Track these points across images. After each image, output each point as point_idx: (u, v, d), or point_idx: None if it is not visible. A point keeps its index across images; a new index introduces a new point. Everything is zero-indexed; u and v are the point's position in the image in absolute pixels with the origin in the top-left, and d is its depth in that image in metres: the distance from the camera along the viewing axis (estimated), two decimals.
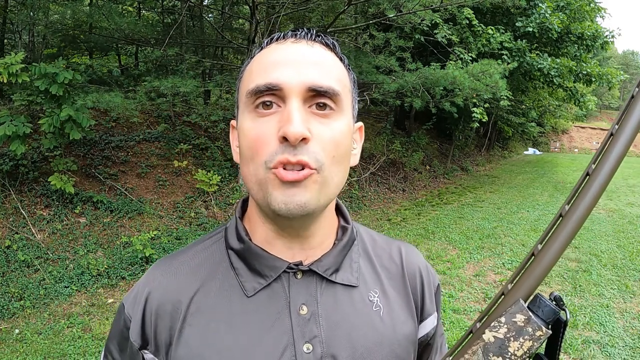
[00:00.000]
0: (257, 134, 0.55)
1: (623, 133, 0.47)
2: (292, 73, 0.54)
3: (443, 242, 6.37)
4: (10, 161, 5.37)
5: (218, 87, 7.22)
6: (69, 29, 7.96)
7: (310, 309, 0.60)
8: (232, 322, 0.59)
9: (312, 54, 0.57)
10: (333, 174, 0.57)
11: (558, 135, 29.88)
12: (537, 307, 0.49)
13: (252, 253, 0.62)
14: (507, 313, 0.49)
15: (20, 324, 3.77)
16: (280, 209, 0.54)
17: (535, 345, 0.48)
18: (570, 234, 0.47)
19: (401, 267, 0.71)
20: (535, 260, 0.49)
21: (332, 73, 0.57)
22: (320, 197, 0.56)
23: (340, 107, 0.57)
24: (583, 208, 0.47)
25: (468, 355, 0.50)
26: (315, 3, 7.10)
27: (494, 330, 0.49)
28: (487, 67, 7.10)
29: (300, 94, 0.54)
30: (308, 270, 0.62)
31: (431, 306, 0.72)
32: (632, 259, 5.63)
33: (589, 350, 3.41)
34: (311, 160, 0.53)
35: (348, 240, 0.67)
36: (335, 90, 0.56)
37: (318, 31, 0.61)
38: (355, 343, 0.61)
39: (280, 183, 0.53)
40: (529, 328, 0.47)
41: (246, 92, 0.57)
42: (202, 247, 0.67)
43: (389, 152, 10.53)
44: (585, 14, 11.72)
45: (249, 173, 0.57)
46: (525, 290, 0.49)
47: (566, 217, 0.48)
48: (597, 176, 0.47)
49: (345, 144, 0.58)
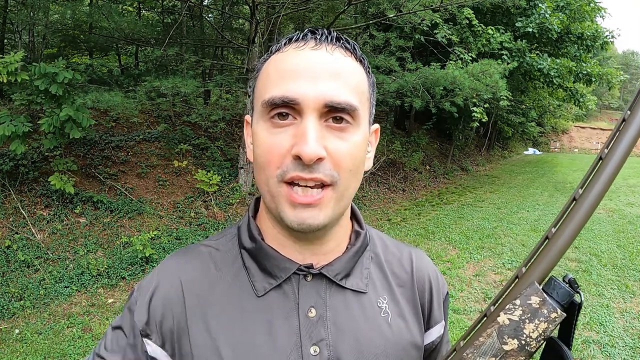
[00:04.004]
0: (270, 145, 0.55)
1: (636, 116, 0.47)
2: (309, 86, 0.53)
3: (443, 242, 6.37)
4: (10, 161, 5.37)
5: (218, 87, 7.22)
6: (69, 29, 7.96)
7: (319, 312, 0.61)
8: (242, 320, 0.59)
9: (331, 63, 0.55)
10: (348, 187, 0.57)
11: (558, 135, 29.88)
12: (552, 289, 0.49)
13: (263, 253, 0.62)
14: (522, 295, 0.48)
15: (20, 324, 3.76)
16: (293, 227, 0.55)
17: (550, 327, 0.48)
18: (584, 217, 0.47)
19: (411, 274, 0.71)
20: (549, 243, 0.49)
21: (351, 84, 0.56)
22: (335, 212, 0.57)
23: (357, 120, 0.56)
24: (596, 191, 0.47)
25: (483, 338, 0.50)
26: (315, 3, 7.11)
27: (508, 312, 0.49)
28: (487, 67, 7.10)
29: (317, 109, 0.53)
30: (318, 273, 0.62)
31: (439, 314, 0.72)
32: (632, 259, 5.62)
33: (589, 350, 3.41)
34: (327, 178, 0.53)
35: (361, 245, 0.66)
36: (352, 105, 0.55)
37: (339, 33, 0.59)
38: (362, 348, 0.61)
39: (294, 204, 0.54)
40: (544, 310, 0.47)
41: (262, 102, 0.56)
42: (217, 244, 0.67)
43: (389, 152, 10.53)
44: (585, 14, 11.73)
45: (261, 181, 0.57)
46: (540, 273, 0.49)
47: (580, 200, 0.48)
48: (610, 160, 0.47)
49: (360, 156, 0.58)
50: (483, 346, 0.50)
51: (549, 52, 11.47)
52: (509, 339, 0.48)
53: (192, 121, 7.69)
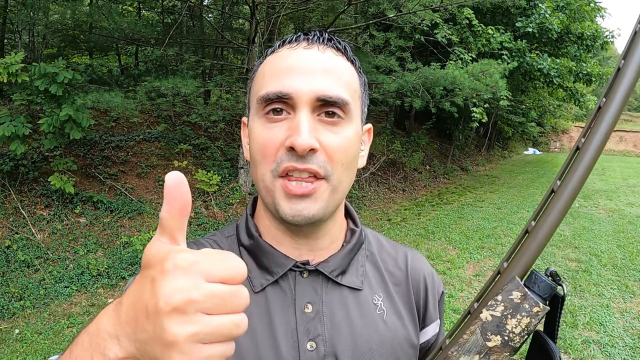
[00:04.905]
0: (265, 140, 0.57)
1: (612, 105, 0.47)
2: (302, 82, 0.55)
3: (443, 242, 6.37)
4: (10, 161, 5.37)
5: (218, 87, 7.22)
6: (69, 29, 7.96)
7: (315, 308, 0.61)
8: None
9: (323, 61, 0.58)
10: (342, 180, 0.59)
11: (558, 135, 29.86)
12: (533, 283, 0.48)
13: (261, 249, 0.63)
14: (504, 291, 0.48)
15: (20, 324, 3.76)
16: (288, 219, 0.56)
17: (534, 321, 0.47)
18: (563, 209, 0.47)
19: (406, 273, 0.72)
20: (529, 237, 0.48)
21: (342, 80, 0.58)
22: (329, 205, 0.58)
23: (349, 114, 0.58)
24: (575, 182, 0.47)
25: (467, 335, 0.50)
26: (315, 3, 7.11)
27: (491, 309, 0.48)
28: (487, 67, 7.10)
29: (310, 104, 0.55)
30: (314, 270, 0.63)
31: (434, 313, 0.73)
32: (632, 259, 5.62)
33: (589, 350, 3.41)
34: (320, 170, 0.55)
35: (356, 243, 0.68)
36: (344, 99, 0.57)
37: (330, 35, 0.62)
38: (358, 344, 0.62)
39: (288, 195, 0.55)
40: (526, 304, 0.47)
41: (257, 98, 0.58)
42: (217, 239, 0.68)
43: (389, 152, 10.53)
44: (585, 14, 11.72)
45: (257, 176, 0.59)
46: (521, 267, 0.48)
47: (558, 192, 0.47)
48: (588, 149, 0.47)
49: (353, 150, 0.60)
50: (467, 343, 0.49)
51: (549, 52, 11.46)
52: (492, 336, 0.48)
53: (192, 121, 7.69)
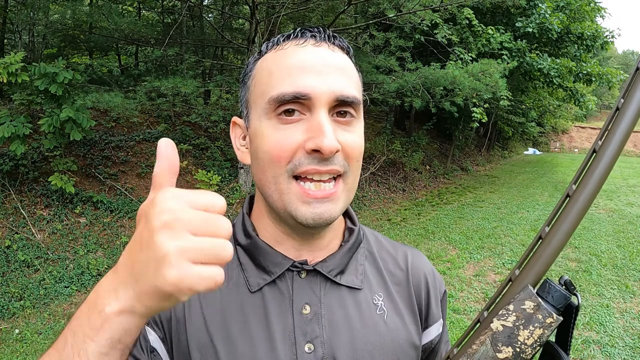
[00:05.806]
0: (278, 142, 0.54)
1: (629, 107, 0.44)
2: (318, 82, 0.54)
3: (443, 242, 6.36)
4: (10, 161, 5.37)
5: (218, 87, 7.22)
6: (69, 29, 7.97)
7: (314, 309, 0.60)
8: (237, 316, 0.59)
9: (335, 60, 0.57)
10: (356, 176, 0.59)
11: (558, 135, 29.84)
12: (547, 292, 0.46)
13: (258, 248, 0.62)
14: (516, 300, 0.46)
15: (20, 324, 3.76)
16: (309, 223, 0.55)
17: (546, 333, 0.45)
18: (578, 214, 0.45)
19: (406, 272, 0.70)
20: (542, 243, 0.46)
21: (353, 79, 0.58)
22: (346, 204, 0.59)
23: (359, 113, 0.59)
24: (591, 187, 0.45)
25: (476, 345, 0.48)
26: (315, 3, 7.11)
27: (502, 318, 0.46)
28: (487, 67, 7.10)
29: (328, 104, 0.54)
30: (312, 270, 0.62)
31: (437, 312, 0.71)
32: (632, 259, 5.62)
33: (589, 350, 3.41)
34: (341, 168, 0.55)
35: (354, 242, 0.66)
36: (358, 99, 0.57)
37: (332, 33, 0.61)
38: (357, 346, 0.60)
39: (307, 199, 0.54)
40: (539, 315, 0.45)
41: (269, 99, 0.55)
42: None
43: (389, 152, 10.53)
44: (585, 14, 11.72)
45: (266, 179, 0.57)
46: (534, 275, 0.47)
47: (574, 197, 0.45)
48: (605, 152, 0.45)
49: (363, 147, 0.60)
50: (476, 354, 0.47)
51: (549, 52, 11.46)
52: (503, 347, 0.46)
53: (192, 121, 7.69)
